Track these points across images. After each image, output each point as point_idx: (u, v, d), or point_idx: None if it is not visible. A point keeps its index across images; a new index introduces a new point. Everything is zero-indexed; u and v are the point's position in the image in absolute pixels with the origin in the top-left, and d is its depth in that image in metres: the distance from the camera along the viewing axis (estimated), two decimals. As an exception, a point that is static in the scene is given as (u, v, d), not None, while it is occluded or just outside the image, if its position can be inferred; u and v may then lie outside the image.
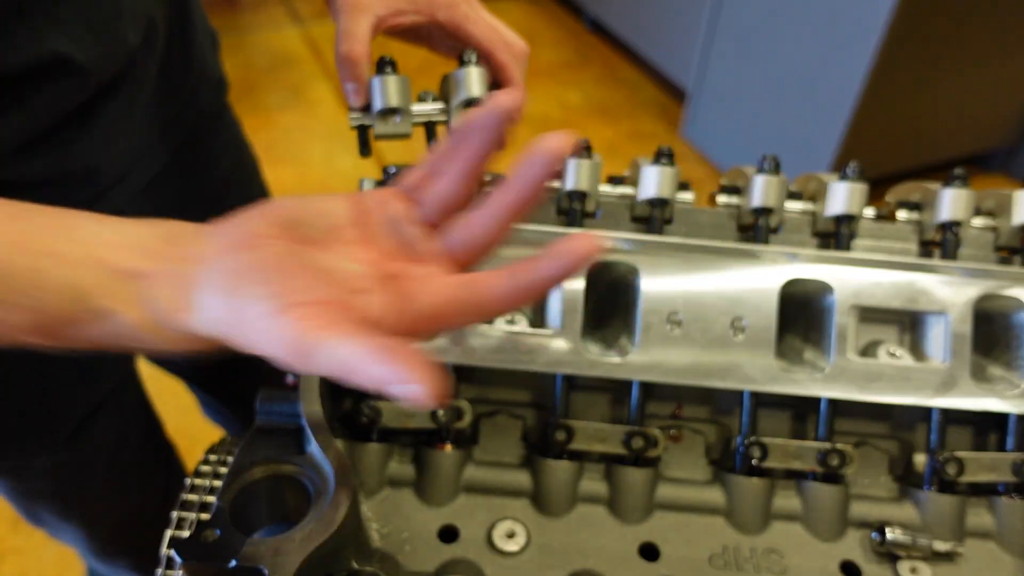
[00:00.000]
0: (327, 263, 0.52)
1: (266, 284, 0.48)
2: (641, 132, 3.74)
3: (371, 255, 0.54)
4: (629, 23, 4.00)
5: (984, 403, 0.74)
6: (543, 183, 0.52)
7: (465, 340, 0.73)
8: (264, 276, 0.48)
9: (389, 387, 0.44)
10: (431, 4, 0.86)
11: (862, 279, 0.75)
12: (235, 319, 0.48)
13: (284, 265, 0.49)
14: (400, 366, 0.44)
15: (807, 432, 0.81)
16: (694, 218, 0.83)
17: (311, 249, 0.52)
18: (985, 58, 2.88)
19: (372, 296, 0.51)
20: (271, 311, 0.46)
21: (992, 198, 0.83)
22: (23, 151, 0.78)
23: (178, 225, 0.54)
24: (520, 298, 0.52)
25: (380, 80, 0.81)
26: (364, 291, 0.51)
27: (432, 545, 0.73)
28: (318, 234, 0.53)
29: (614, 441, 0.75)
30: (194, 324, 0.50)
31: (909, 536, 0.72)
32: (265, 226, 0.52)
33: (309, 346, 0.45)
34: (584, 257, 0.50)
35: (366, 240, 0.55)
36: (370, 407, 0.75)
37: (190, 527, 0.76)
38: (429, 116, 0.83)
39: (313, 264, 0.51)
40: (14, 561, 2.07)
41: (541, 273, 0.51)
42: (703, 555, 0.74)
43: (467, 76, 0.81)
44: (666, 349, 0.73)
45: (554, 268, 0.50)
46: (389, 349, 0.45)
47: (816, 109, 2.89)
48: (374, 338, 0.45)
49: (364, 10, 0.84)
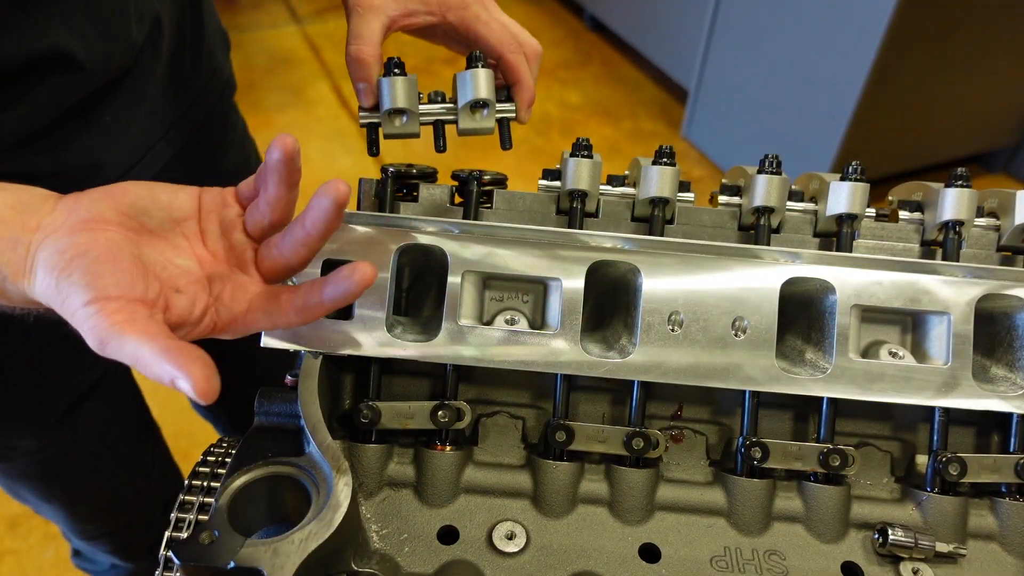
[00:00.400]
0: (156, 258, 0.57)
1: (89, 275, 0.53)
2: (641, 131, 3.74)
3: (203, 254, 0.61)
4: (630, 22, 4.00)
5: (986, 403, 0.74)
6: (329, 222, 0.59)
7: (462, 340, 0.73)
8: (90, 266, 0.53)
9: (171, 382, 0.49)
10: (443, 5, 0.87)
11: (864, 279, 0.74)
12: (59, 300, 0.53)
13: (113, 256, 0.54)
14: (177, 365, 0.49)
15: (808, 433, 0.81)
16: (695, 218, 0.82)
17: (148, 240, 0.58)
18: (987, 58, 2.88)
19: (184, 297, 0.57)
20: (85, 302, 0.52)
21: (994, 198, 0.83)
22: (24, 145, 0.79)
23: (35, 194, 0.58)
24: (308, 315, 0.60)
25: (388, 82, 0.81)
26: (180, 290, 0.57)
27: (432, 546, 0.72)
28: (159, 225, 0.59)
29: (614, 442, 0.75)
30: (29, 292, 0.55)
31: (911, 537, 0.72)
32: (109, 211, 0.56)
33: (108, 339, 0.51)
34: (361, 283, 0.58)
35: (201, 238, 0.61)
36: (370, 408, 0.74)
37: (188, 528, 0.76)
38: (436, 116, 0.84)
39: (142, 259, 0.56)
40: (12, 562, 2.06)
41: (326, 295, 0.59)
42: (704, 556, 0.73)
43: (473, 78, 0.81)
44: (667, 349, 0.73)
45: (336, 292, 0.59)
46: (173, 350, 0.50)
47: (818, 108, 2.89)
48: (163, 340, 0.51)
49: (376, 11, 0.84)
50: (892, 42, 2.54)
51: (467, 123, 0.84)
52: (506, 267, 0.74)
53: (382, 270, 0.74)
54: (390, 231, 0.74)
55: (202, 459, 0.82)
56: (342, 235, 0.74)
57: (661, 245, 0.75)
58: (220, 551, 0.59)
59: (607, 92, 4.00)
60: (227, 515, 0.63)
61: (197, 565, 0.59)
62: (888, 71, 2.63)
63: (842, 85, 2.73)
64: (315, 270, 0.73)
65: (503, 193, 0.82)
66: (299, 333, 0.72)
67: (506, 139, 0.86)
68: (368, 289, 0.74)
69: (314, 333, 0.73)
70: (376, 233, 0.74)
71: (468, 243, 0.74)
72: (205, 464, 0.81)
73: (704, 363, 0.73)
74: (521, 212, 0.82)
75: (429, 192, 0.83)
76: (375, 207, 0.82)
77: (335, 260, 0.74)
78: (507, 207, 0.82)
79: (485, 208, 0.82)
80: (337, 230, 0.73)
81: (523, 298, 0.80)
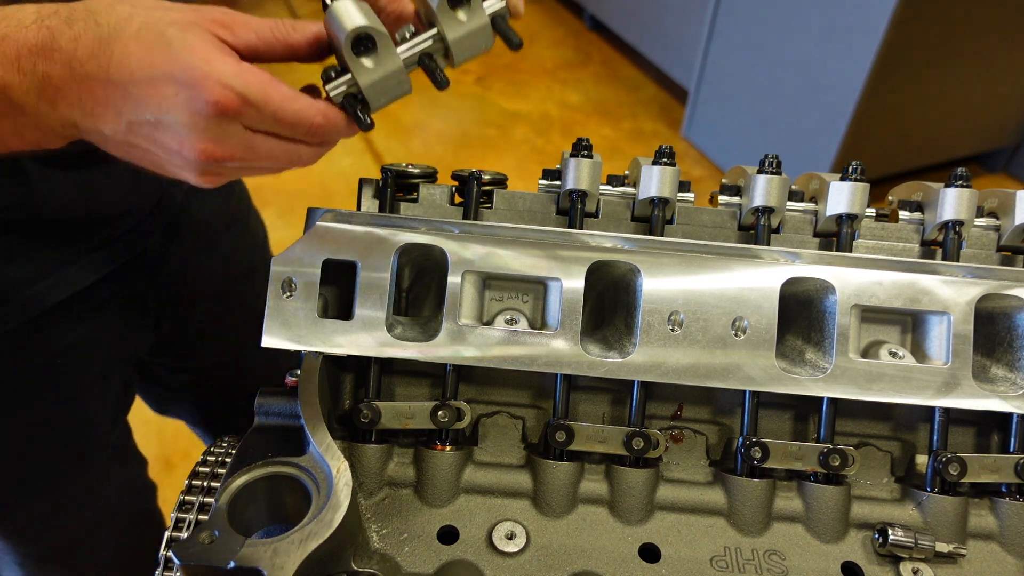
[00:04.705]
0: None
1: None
2: (642, 131, 3.74)
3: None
4: (630, 22, 4.00)
5: (986, 404, 0.74)
6: None
7: (462, 340, 0.73)
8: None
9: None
10: None
11: (864, 279, 0.74)
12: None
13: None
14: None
15: (808, 433, 0.81)
16: (695, 218, 0.82)
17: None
18: (987, 58, 2.88)
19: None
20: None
21: (994, 198, 0.83)
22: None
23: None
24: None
25: (342, 4, 0.63)
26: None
27: (432, 546, 0.72)
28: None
29: (614, 442, 0.75)
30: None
31: (911, 537, 0.72)
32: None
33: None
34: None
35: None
36: (370, 408, 0.74)
37: (188, 528, 0.76)
38: (419, 49, 0.66)
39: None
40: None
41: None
42: (704, 556, 0.73)
43: None
44: (667, 349, 0.73)
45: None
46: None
47: (818, 108, 2.89)
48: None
49: None
50: (892, 42, 2.54)
51: (456, 31, 0.65)
52: (506, 267, 0.74)
53: (382, 270, 0.74)
54: (390, 231, 0.74)
55: (202, 459, 0.82)
56: (342, 235, 0.74)
57: (661, 245, 0.75)
58: (220, 551, 0.59)
59: (607, 92, 4.00)
60: (227, 515, 0.63)
61: (197, 565, 0.59)
62: (888, 71, 2.63)
63: (842, 85, 2.73)
64: (315, 270, 0.73)
65: (503, 193, 0.82)
66: (299, 333, 0.72)
67: (510, 35, 0.68)
68: (368, 289, 0.74)
69: (314, 333, 0.73)
70: (376, 233, 0.74)
71: (468, 243, 0.74)
72: (205, 464, 0.81)
73: (704, 363, 0.73)
74: (521, 212, 0.82)
75: (429, 192, 0.83)
76: (375, 207, 0.82)
77: (335, 260, 0.74)
78: (507, 207, 0.82)
79: (485, 208, 0.82)
80: (337, 231, 0.73)
81: (523, 298, 0.80)
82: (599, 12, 4.25)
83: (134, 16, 0.57)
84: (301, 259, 0.73)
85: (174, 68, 0.57)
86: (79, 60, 0.57)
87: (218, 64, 0.57)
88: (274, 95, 0.60)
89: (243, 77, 0.58)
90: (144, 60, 0.57)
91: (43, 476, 1.05)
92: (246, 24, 0.60)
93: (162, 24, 0.57)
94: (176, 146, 0.60)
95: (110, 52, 0.57)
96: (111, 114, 0.59)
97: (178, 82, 0.57)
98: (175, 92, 0.57)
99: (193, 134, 0.59)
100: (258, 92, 0.59)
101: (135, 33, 0.57)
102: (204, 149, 0.60)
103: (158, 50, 0.56)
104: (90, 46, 0.57)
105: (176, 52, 0.56)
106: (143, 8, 0.58)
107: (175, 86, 0.57)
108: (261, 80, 0.59)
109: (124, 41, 0.57)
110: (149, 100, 0.58)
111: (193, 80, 0.57)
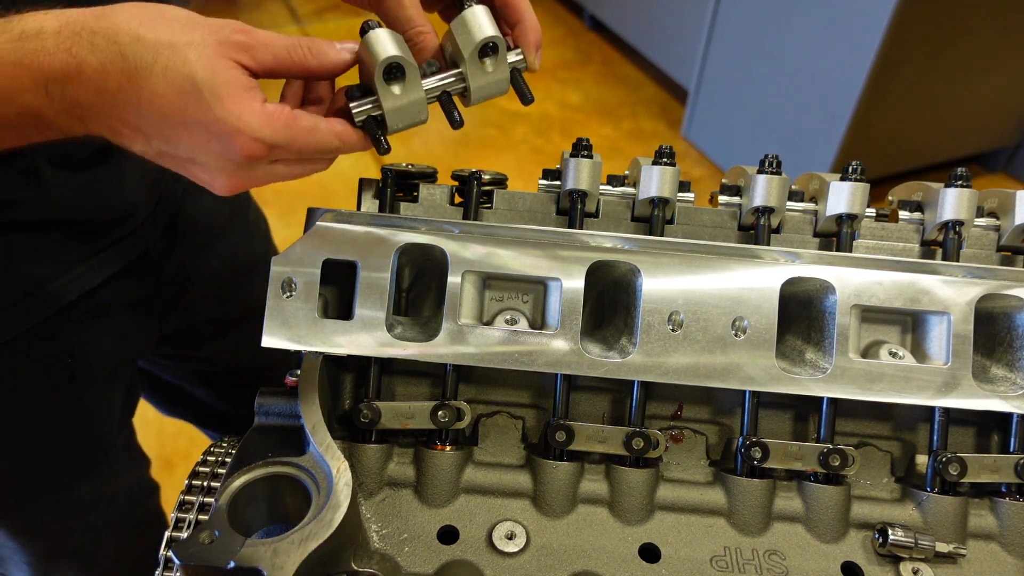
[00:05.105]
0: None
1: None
2: (642, 131, 3.74)
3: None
4: (630, 22, 4.00)
5: (986, 404, 0.74)
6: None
7: (462, 340, 0.73)
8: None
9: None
10: None
11: (864, 279, 0.74)
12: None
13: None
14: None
15: (808, 433, 0.81)
16: (695, 218, 0.82)
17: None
18: (987, 58, 2.88)
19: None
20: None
21: (994, 198, 0.83)
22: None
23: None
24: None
25: (375, 35, 0.66)
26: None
27: (432, 546, 0.72)
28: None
29: (614, 442, 0.75)
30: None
31: (911, 537, 0.72)
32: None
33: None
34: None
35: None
36: (370, 408, 0.74)
37: (188, 528, 0.76)
38: (442, 87, 0.70)
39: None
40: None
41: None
42: (704, 556, 0.73)
43: (474, 18, 0.67)
44: (667, 349, 0.73)
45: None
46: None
47: (818, 108, 2.89)
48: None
49: None
50: (892, 42, 2.54)
51: (479, 79, 0.70)
52: (506, 267, 0.74)
53: (382, 270, 0.74)
54: (390, 231, 0.74)
55: (202, 459, 0.82)
56: (342, 235, 0.74)
57: (661, 245, 0.75)
58: (220, 551, 0.59)
59: (607, 92, 4.00)
60: (227, 515, 0.63)
61: (197, 565, 0.59)
62: (888, 71, 2.63)
63: (842, 85, 2.73)
64: (315, 270, 0.73)
65: (503, 193, 0.82)
66: (299, 333, 0.72)
67: (525, 91, 0.72)
68: (368, 289, 0.74)
69: (314, 333, 0.73)
70: (376, 233, 0.74)
71: (468, 243, 0.74)
72: (205, 464, 0.81)
73: (704, 363, 0.73)
74: (521, 212, 0.82)
75: (429, 192, 0.83)
76: (375, 207, 0.82)
77: (335, 260, 0.74)
78: (507, 207, 0.82)
79: (485, 208, 0.82)
80: (337, 231, 0.73)
81: (523, 298, 0.80)
82: (599, 12, 4.25)
83: (158, 52, 0.58)
84: (301, 259, 0.73)
85: (206, 119, 0.59)
86: (109, 90, 0.59)
87: (247, 117, 0.60)
88: (298, 135, 0.63)
89: (271, 126, 0.61)
90: (175, 104, 0.59)
91: (52, 476, 1.05)
92: (265, 47, 0.61)
93: (188, 63, 0.58)
94: (206, 178, 0.65)
95: (139, 89, 0.59)
96: (141, 139, 0.62)
97: (210, 132, 0.60)
98: (207, 140, 0.61)
99: (223, 174, 0.64)
100: (284, 136, 0.62)
101: (162, 73, 0.58)
102: (232, 184, 0.65)
103: (189, 97, 0.59)
104: (118, 79, 0.58)
105: (207, 103, 0.59)
106: (165, 37, 0.58)
107: (207, 135, 0.60)
108: (286, 121, 0.62)
109: (153, 80, 0.58)
110: (181, 140, 0.61)
111: (225, 134, 0.60)
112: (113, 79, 0.58)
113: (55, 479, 1.06)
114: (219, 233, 1.20)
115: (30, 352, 0.94)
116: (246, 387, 0.91)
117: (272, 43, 0.62)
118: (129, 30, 0.58)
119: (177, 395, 1.39)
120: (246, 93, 0.60)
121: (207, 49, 0.59)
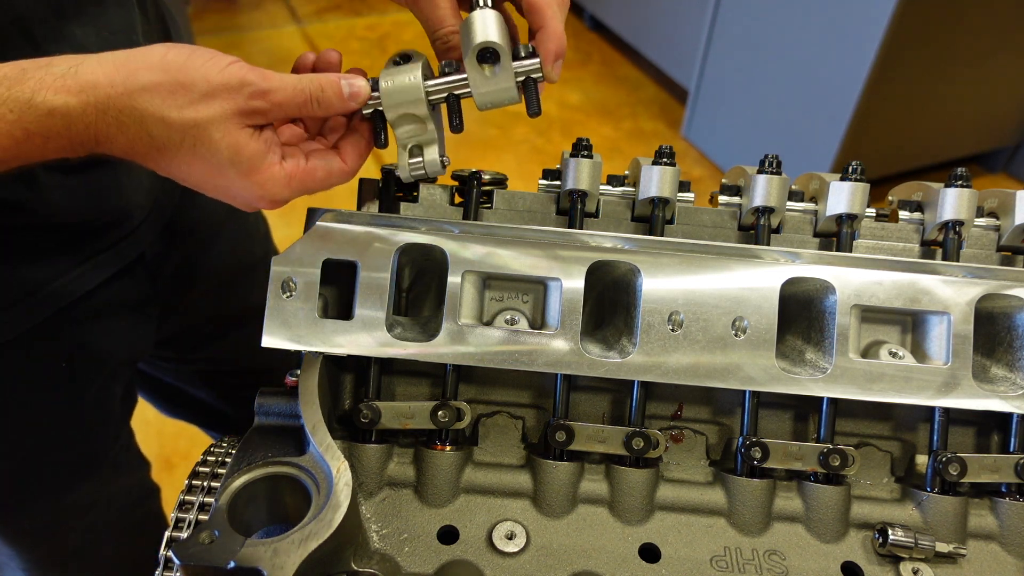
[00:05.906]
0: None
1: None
2: (642, 131, 3.74)
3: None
4: (630, 22, 4.00)
5: (986, 404, 0.74)
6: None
7: (462, 340, 0.73)
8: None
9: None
10: None
11: (864, 279, 0.74)
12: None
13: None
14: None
15: (808, 433, 0.81)
16: (695, 218, 0.82)
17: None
18: (987, 58, 2.88)
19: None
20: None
21: (994, 198, 0.83)
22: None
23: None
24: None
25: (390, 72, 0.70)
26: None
27: (432, 546, 0.72)
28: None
29: (614, 442, 0.75)
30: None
31: (911, 537, 0.72)
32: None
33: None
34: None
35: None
36: (370, 408, 0.74)
37: (188, 528, 0.76)
38: (448, 88, 0.70)
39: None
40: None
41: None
42: (704, 556, 0.73)
43: (481, 20, 0.67)
44: (667, 349, 0.73)
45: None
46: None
47: (818, 108, 2.89)
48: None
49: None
50: (892, 42, 2.54)
51: (480, 85, 0.69)
52: (506, 267, 0.74)
53: (382, 270, 0.74)
54: (390, 231, 0.74)
55: (202, 459, 0.82)
56: (342, 235, 0.74)
57: (661, 245, 0.75)
58: (220, 551, 0.59)
59: (607, 92, 4.00)
60: (227, 515, 0.63)
61: (197, 565, 0.59)
62: (888, 71, 2.63)
63: (842, 85, 2.73)
64: (315, 270, 0.73)
65: (503, 193, 0.82)
66: (299, 333, 0.72)
67: (532, 102, 0.70)
68: (368, 289, 0.74)
69: (314, 333, 0.73)
70: (376, 233, 0.74)
71: (468, 243, 0.74)
72: (205, 464, 0.81)
73: (704, 363, 0.73)
74: (521, 212, 0.82)
75: (429, 192, 0.83)
76: (375, 207, 0.82)
77: (335, 260, 0.74)
78: (507, 207, 0.82)
79: (485, 208, 0.82)
80: (337, 231, 0.74)
81: (523, 298, 0.80)
82: (599, 12, 4.25)
83: (185, 132, 0.62)
84: (301, 259, 0.73)
85: (234, 187, 0.66)
86: (139, 156, 0.64)
87: (270, 186, 0.66)
88: (312, 185, 0.69)
89: (289, 187, 0.67)
90: (206, 174, 0.65)
91: (51, 477, 1.05)
92: (280, 108, 0.66)
93: (214, 143, 0.63)
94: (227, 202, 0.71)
95: (169, 161, 0.64)
96: (173, 179, 0.68)
97: (236, 193, 0.67)
98: (232, 196, 0.68)
99: (243, 208, 0.71)
100: (301, 190, 0.68)
101: (191, 151, 0.63)
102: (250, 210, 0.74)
103: (217, 170, 0.65)
104: (146, 151, 0.63)
105: (234, 177, 0.65)
106: (189, 116, 0.62)
107: (232, 193, 0.67)
108: (302, 180, 0.68)
109: (182, 155, 0.64)
110: (207, 191, 0.68)
111: (251, 196, 0.67)
112: (140, 152, 0.63)
113: (54, 480, 1.06)
114: (218, 233, 1.20)
115: (29, 353, 0.94)
116: (246, 387, 0.91)
117: (286, 103, 0.66)
118: (153, 112, 0.61)
119: (178, 396, 1.39)
120: (266, 161, 0.66)
121: (228, 124, 0.63)
